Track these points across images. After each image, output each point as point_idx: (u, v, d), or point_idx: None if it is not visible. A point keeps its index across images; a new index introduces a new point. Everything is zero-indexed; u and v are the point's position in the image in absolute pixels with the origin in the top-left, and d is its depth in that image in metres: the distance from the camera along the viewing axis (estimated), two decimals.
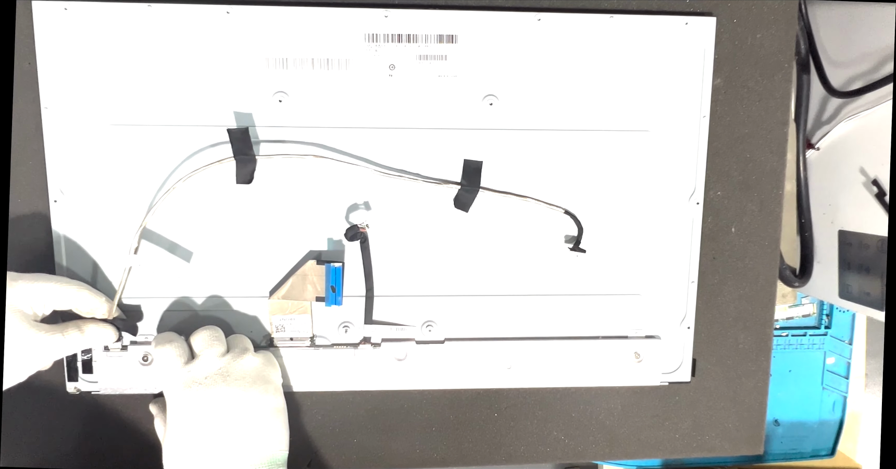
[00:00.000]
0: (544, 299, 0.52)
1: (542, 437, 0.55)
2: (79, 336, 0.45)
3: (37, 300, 0.43)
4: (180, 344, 0.46)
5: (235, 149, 0.47)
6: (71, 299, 0.45)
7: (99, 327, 0.46)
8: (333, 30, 0.48)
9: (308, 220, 0.50)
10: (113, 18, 0.47)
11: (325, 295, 0.49)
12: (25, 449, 0.52)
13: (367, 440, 0.54)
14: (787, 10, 0.52)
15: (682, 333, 0.54)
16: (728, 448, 0.57)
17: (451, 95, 0.49)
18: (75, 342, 0.45)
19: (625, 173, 0.52)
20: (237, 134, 0.47)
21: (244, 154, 0.47)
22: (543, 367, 0.53)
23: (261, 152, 0.49)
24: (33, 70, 0.47)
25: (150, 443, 0.52)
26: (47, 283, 0.44)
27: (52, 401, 0.51)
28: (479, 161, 0.49)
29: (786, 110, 0.54)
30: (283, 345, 0.51)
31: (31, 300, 0.43)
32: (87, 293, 0.45)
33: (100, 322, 0.46)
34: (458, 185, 0.49)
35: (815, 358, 1.07)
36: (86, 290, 0.46)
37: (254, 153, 0.47)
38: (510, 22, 0.49)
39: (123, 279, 0.47)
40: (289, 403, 0.48)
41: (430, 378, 0.52)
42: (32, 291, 0.43)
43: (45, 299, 0.44)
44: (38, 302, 0.43)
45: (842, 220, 0.64)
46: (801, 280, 0.67)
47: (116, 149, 0.48)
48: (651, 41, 0.50)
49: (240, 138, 0.47)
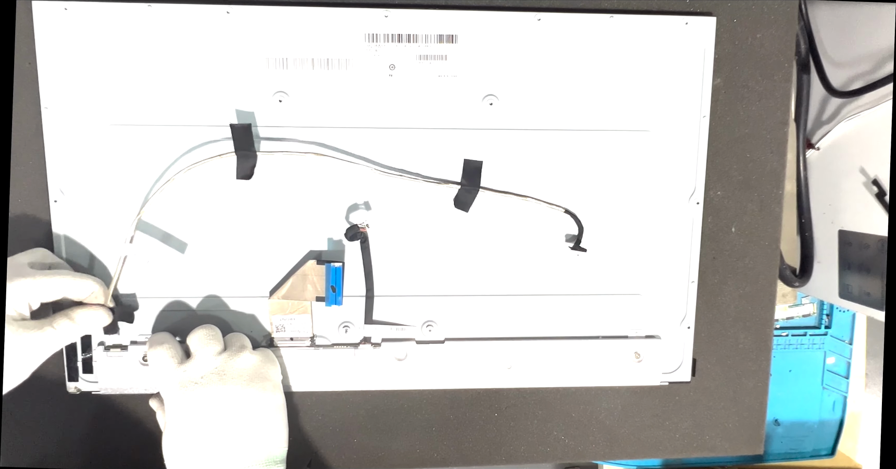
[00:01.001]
0: (544, 299, 0.52)
1: (542, 437, 0.55)
2: (70, 324, 0.44)
3: (19, 300, 0.42)
4: (172, 344, 0.46)
5: (237, 144, 0.47)
6: (54, 289, 0.44)
7: (89, 311, 0.45)
8: (333, 30, 0.48)
9: (308, 220, 0.50)
10: (113, 18, 0.47)
11: (325, 295, 0.49)
12: (25, 449, 0.52)
13: (367, 440, 0.54)
14: (787, 10, 0.52)
15: (682, 333, 0.54)
16: (728, 448, 0.57)
17: (451, 95, 0.49)
18: (68, 331, 0.44)
19: (625, 173, 0.52)
20: (239, 129, 0.47)
21: (245, 149, 0.47)
22: (543, 367, 0.53)
23: (261, 150, 0.48)
24: (33, 70, 0.47)
25: (151, 442, 0.52)
26: (23, 279, 0.42)
27: (52, 401, 0.51)
28: (479, 161, 0.49)
29: (786, 110, 0.54)
30: (283, 345, 0.51)
31: (12, 301, 0.42)
32: (69, 279, 0.44)
33: (90, 306, 0.46)
34: (458, 185, 0.49)
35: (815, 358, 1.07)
36: (67, 276, 0.44)
37: (255, 149, 0.47)
38: (510, 22, 0.49)
39: (119, 268, 0.47)
40: (289, 403, 0.48)
41: (430, 378, 0.52)
42: (11, 292, 0.42)
43: (26, 297, 0.43)
44: (21, 301, 0.42)
45: (842, 220, 0.64)
46: (801, 280, 0.67)
47: (116, 149, 0.48)
48: (651, 41, 0.50)
49: (242, 133, 0.47)
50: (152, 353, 0.45)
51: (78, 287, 0.45)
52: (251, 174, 0.48)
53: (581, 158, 0.51)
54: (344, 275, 0.50)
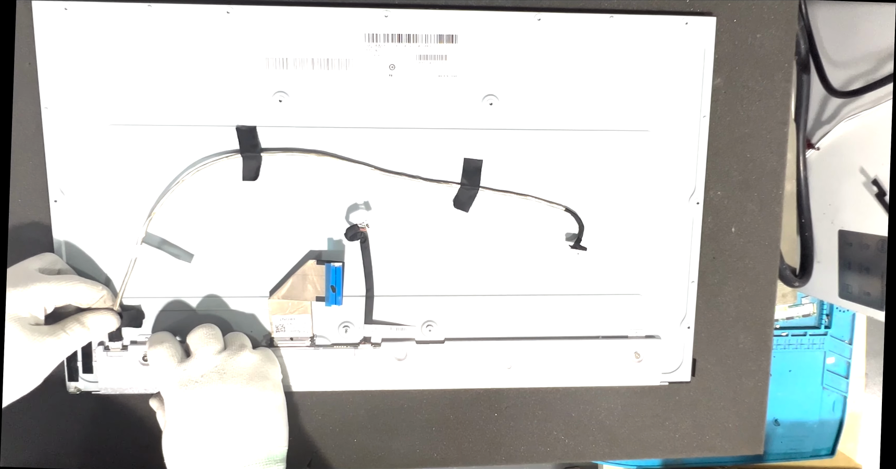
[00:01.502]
0: (544, 299, 0.52)
1: (542, 437, 0.55)
2: (81, 329, 0.45)
3: (34, 304, 0.43)
4: (172, 344, 0.46)
5: (242, 146, 0.47)
6: (67, 295, 0.44)
7: (99, 315, 0.46)
8: (333, 30, 0.48)
9: (308, 220, 0.50)
10: (113, 18, 0.47)
11: (325, 295, 0.49)
12: (25, 449, 0.52)
13: (367, 440, 0.54)
14: (787, 10, 0.52)
15: (682, 333, 0.54)
16: (728, 448, 0.57)
17: (451, 95, 0.49)
18: (80, 336, 0.45)
19: (625, 173, 0.52)
20: (245, 131, 0.47)
21: (251, 151, 0.47)
22: (543, 367, 0.53)
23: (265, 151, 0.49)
24: (33, 70, 0.47)
25: (150, 442, 0.52)
26: (39, 284, 0.43)
27: (52, 401, 0.51)
28: (479, 160, 0.49)
29: (786, 110, 0.54)
30: (283, 345, 0.51)
31: (28, 306, 0.43)
32: (82, 287, 0.45)
33: (99, 311, 0.46)
34: (459, 185, 0.49)
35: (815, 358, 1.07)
36: (80, 283, 0.45)
37: (260, 150, 0.47)
38: (510, 22, 0.49)
39: (128, 271, 0.47)
40: (289, 403, 0.48)
41: (430, 378, 0.52)
42: (27, 297, 0.43)
43: (41, 302, 0.43)
44: (36, 306, 0.43)
45: (842, 220, 0.64)
46: (801, 280, 0.67)
47: (116, 149, 0.48)
48: (651, 41, 0.50)
49: (247, 135, 0.47)
50: (152, 352, 0.45)
51: (90, 292, 0.46)
52: (257, 175, 0.48)
53: (581, 159, 0.51)
54: (344, 275, 0.50)
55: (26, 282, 0.43)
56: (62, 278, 0.45)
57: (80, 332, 0.45)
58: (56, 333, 0.43)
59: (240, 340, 0.48)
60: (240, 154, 0.48)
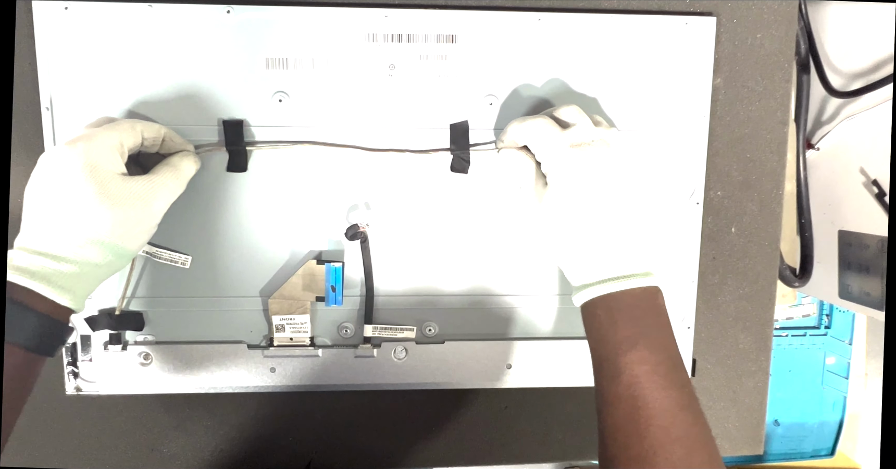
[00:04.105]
0: (544, 299, 0.52)
1: (542, 437, 0.55)
2: (172, 170, 0.44)
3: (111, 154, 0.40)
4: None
5: (228, 139, 0.47)
6: (135, 134, 0.43)
7: (185, 157, 0.45)
8: (333, 30, 0.48)
9: (308, 220, 0.50)
10: (113, 18, 0.47)
11: (325, 295, 0.49)
12: (25, 449, 0.52)
13: (367, 440, 0.54)
14: (787, 10, 0.52)
15: (682, 333, 0.54)
16: (728, 448, 0.57)
17: (451, 95, 0.49)
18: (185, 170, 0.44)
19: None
20: (231, 124, 0.47)
21: (236, 145, 0.47)
22: (543, 367, 0.52)
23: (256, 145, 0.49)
24: (33, 70, 0.47)
25: (150, 443, 0.53)
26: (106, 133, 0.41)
27: (51, 401, 0.51)
28: (465, 121, 0.49)
29: (786, 110, 0.54)
30: (283, 345, 0.51)
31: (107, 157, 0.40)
32: (143, 123, 0.44)
33: (182, 153, 0.45)
34: (449, 151, 0.49)
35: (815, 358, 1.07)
36: (137, 122, 0.44)
37: (244, 144, 0.48)
38: (510, 22, 0.49)
39: (129, 271, 0.48)
40: (289, 404, 0.48)
41: (430, 378, 0.52)
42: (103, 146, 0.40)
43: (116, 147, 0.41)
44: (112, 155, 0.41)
45: (842, 220, 0.64)
46: (801, 280, 0.67)
47: None
48: (651, 41, 0.50)
49: (233, 129, 0.47)
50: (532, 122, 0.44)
51: (152, 127, 0.44)
52: (245, 168, 0.48)
53: None
54: (344, 275, 0.50)
55: (111, 127, 0.42)
56: (118, 122, 0.43)
57: (171, 173, 0.43)
58: (162, 171, 0.43)
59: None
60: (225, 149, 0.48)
